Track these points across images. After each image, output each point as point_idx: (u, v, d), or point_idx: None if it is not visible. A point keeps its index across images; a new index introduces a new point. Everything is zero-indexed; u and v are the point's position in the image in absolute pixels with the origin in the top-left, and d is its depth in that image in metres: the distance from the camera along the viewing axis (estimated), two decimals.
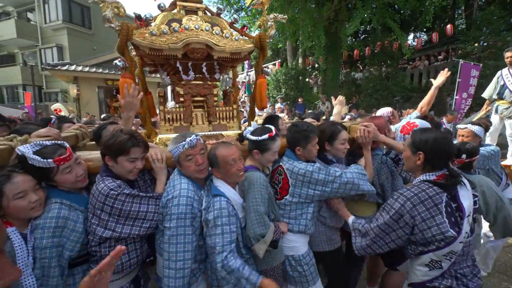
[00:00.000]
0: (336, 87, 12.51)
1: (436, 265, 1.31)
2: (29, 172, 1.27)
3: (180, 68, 2.03)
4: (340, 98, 2.95)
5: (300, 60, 14.00)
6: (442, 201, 1.27)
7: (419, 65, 13.28)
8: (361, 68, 14.96)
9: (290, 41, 12.78)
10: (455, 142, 2.74)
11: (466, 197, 1.31)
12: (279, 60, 15.01)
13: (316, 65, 15.12)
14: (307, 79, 14.05)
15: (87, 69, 12.70)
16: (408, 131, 2.01)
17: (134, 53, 2.25)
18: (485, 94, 4.47)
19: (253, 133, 1.70)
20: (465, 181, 1.37)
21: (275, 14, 2.15)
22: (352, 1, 9.95)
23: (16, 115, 10.54)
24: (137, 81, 2.18)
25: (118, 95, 14.41)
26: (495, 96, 4.30)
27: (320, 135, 1.87)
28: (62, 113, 10.36)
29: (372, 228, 1.45)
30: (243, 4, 12.56)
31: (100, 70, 13.05)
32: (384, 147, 2.22)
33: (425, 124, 2.14)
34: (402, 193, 1.36)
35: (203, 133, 2.09)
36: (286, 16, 2.26)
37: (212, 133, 2.15)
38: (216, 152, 1.50)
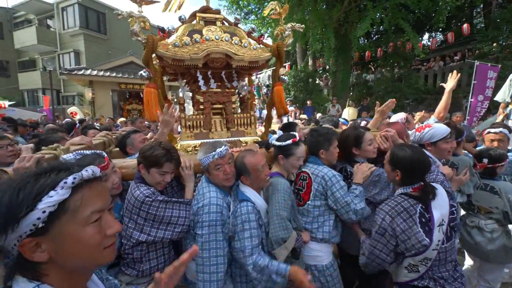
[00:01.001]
0: (346, 89, 12.33)
1: (413, 269, 1.44)
2: None
3: (201, 77, 2.10)
4: (384, 106, 2.58)
5: (310, 62, 13.90)
6: (416, 212, 1.39)
7: (434, 66, 12.87)
8: (372, 70, 14.68)
9: (300, 43, 12.71)
10: (482, 147, 2.67)
11: (438, 208, 1.40)
12: (289, 63, 14.97)
13: (327, 67, 14.98)
14: (317, 81, 13.94)
15: (101, 73, 13.12)
16: (420, 130, 2.04)
17: (154, 62, 2.34)
18: (498, 97, 4.27)
19: (278, 139, 1.78)
20: (441, 191, 1.46)
21: (293, 24, 2.18)
22: (363, 2, 9.79)
23: (35, 118, 11.04)
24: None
25: (130, 98, 14.73)
26: (508, 99, 4.11)
27: (345, 142, 1.91)
28: (78, 116, 10.74)
29: (367, 247, 1.54)
30: (253, 8, 12.63)
31: (114, 74, 13.45)
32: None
33: (440, 126, 2.11)
34: (381, 208, 1.48)
35: (221, 139, 2.17)
36: (303, 25, 2.30)
37: (230, 139, 2.21)
38: (244, 160, 1.57)
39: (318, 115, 9.27)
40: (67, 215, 0.61)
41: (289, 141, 1.71)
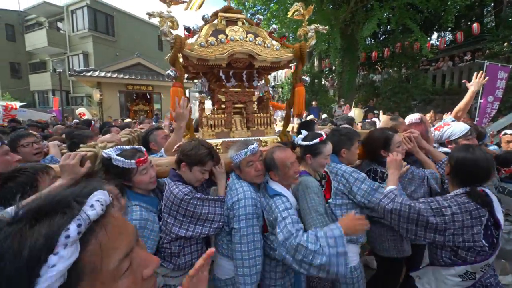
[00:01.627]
0: (352, 89, 12.23)
1: (470, 277, 1.38)
2: (112, 173, 1.42)
3: (223, 77, 2.15)
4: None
5: (315, 63, 13.83)
6: (485, 215, 1.35)
7: (442, 66, 12.64)
8: (379, 70, 14.51)
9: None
10: (493, 147, 2.60)
11: (499, 211, 1.38)
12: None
13: (333, 68, 14.88)
14: (322, 82, 13.84)
15: (109, 74, 13.33)
16: (439, 128, 2.11)
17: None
18: None
19: (304, 139, 1.80)
20: (493, 196, 1.42)
21: (316, 25, 2.17)
22: (370, 2, 9.69)
23: (45, 119, 11.27)
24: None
25: (137, 99, 14.90)
26: None
27: (373, 143, 1.94)
28: (86, 117, 10.93)
29: (408, 205, 1.45)
30: (258, 9, 12.63)
31: (121, 76, 13.65)
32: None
33: (459, 124, 2.10)
34: (456, 199, 1.41)
35: (242, 139, 2.21)
36: (327, 27, 2.30)
37: (250, 138, 2.24)
38: (274, 155, 1.60)
39: (324, 115, 9.22)
40: (86, 280, 0.43)
41: (317, 140, 1.73)
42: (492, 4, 12.56)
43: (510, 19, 9.90)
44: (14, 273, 0.37)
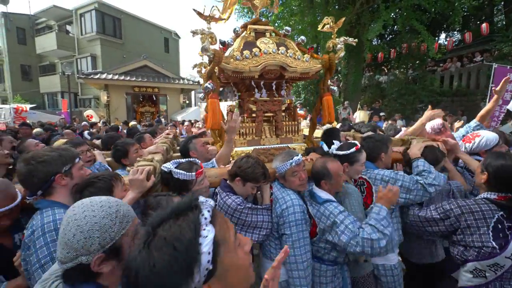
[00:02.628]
0: (358, 91, 12.13)
1: (480, 274, 1.46)
2: (172, 185, 1.54)
3: (255, 87, 2.27)
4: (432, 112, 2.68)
5: None
6: (493, 217, 1.44)
7: (450, 67, 12.44)
8: (386, 71, 14.35)
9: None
10: None
11: None
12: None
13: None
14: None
15: (116, 77, 13.54)
16: (470, 140, 2.12)
17: (198, 69, 2.65)
18: (510, 106, 4.04)
19: (339, 149, 1.92)
20: None
21: (345, 38, 2.25)
22: (375, 4, 9.61)
23: (54, 121, 11.52)
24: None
25: (144, 101, 15.05)
26: None
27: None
28: (94, 119, 11.14)
29: (418, 215, 1.73)
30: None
31: (128, 78, 13.85)
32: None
33: (488, 133, 2.09)
34: (457, 201, 1.59)
35: (272, 146, 2.34)
36: (356, 40, 2.37)
37: (280, 145, 2.36)
38: (327, 166, 1.70)
39: (364, 124, 9.13)
40: (221, 247, 0.60)
41: (353, 149, 1.84)
42: (502, 3, 12.30)
43: None
44: (189, 242, 0.56)
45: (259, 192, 1.92)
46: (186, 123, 6.73)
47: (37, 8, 21.01)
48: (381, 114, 9.78)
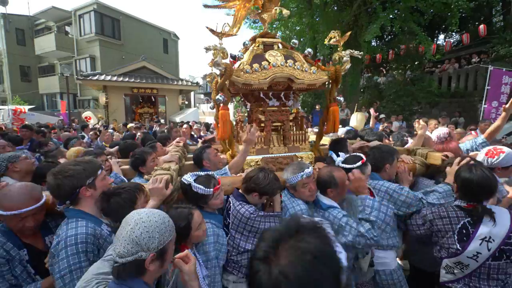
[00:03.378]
0: (356, 93, 12.13)
1: (450, 270, 1.67)
2: (190, 197, 1.61)
3: (264, 98, 2.36)
4: (422, 122, 2.80)
5: None
6: (459, 223, 1.61)
7: (448, 68, 12.45)
8: (384, 72, 14.36)
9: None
10: None
11: (490, 226, 1.55)
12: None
13: None
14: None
15: (115, 78, 13.54)
16: (493, 155, 2.19)
17: (208, 79, 2.70)
18: None
19: (345, 162, 1.95)
20: (504, 216, 1.58)
21: (351, 51, 2.33)
22: (373, 6, 9.63)
23: (52, 122, 11.52)
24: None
25: (142, 102, 15.06)
26: None
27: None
28: (92, 121, 11.12)
29: (410, 222, 1.87)
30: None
31: (127, 79, 13.84)
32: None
33: (509, 149, 2.16)
34: (432, 208, 1.78)
35: (279, 155, 2.40)
36: (362, 52, 2.47)
37: (287, 154, 2.42)
38: (334, 174, 1.77)
39: (371, 132, 9.12)
40: None
41: (359, 163, 1.87)
42: (501, 4, 12.30)
43: None
44: (333, 258, 0.61)
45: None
46: (185, 126, 6.72)
47: (36, 9, 21.02)
48: (381, 116, 9.78)
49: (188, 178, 1.62)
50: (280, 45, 2.43)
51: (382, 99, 12.16)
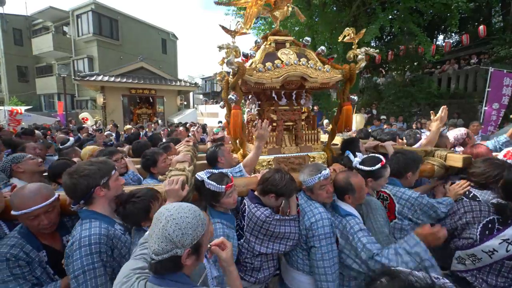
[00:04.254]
0: (355, 93, 12.04)
1: (461, 261, 1.66)
2: (203, 194, 1.63)
3: (275, 97, 2.33)
4: (442, 113, 2.62)
5: None
6: (486, 217, 1.60)
7: (448, 69, 12.40)
8: (383, 73, 14.30)
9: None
10: None
11: None
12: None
13: None
14: None
15: (112, 78, 13.44)
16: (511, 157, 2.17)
17: (218, 78, 2.74)
18: None
19: (363, 163, 1.91)
20: None
21: (367, 48, 2.27)
22: (372, 6, 9.57)
23: (49, 123, 11.42)
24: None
25: (140, 103, 14.99)
26: None
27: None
28: (89, 122, 11.04)
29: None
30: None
31: (125, 80, 13.75)
32: None
33: None
34: (463, 202, 1.78)
35: (291, 154, 2.38)
36: (378, 50, 2.44)
37: (299, 154, 2.40)
38: (350, 181, 1.74)
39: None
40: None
41: (379, 165, 1.84)
42: (500, 5, 12.26)
43: None
44: None
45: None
46: (181, 128, 6.62)
47: (33, 9, 20.87)
48: (382, 117, 9.72)
49: (202, 175, 1.64)
50: (292, 43, 2.40)
51: (381, 100, 12.09)
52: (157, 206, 1.49)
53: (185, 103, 18.46)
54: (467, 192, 1.97)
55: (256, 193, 1.81)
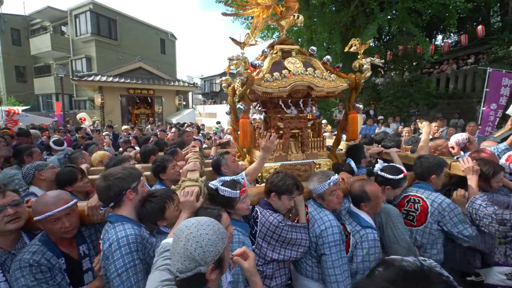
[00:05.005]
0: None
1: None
2: (218, 202, 1.65)
3: (282, 105, 2.38)
4: (426, 122, 2.79)
5: None
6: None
7: (446, 69, 12.40)
8: (382, 73, 14.29)
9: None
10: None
11: None
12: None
13: None
14: None
15: (110, 79, 13.39)
16: None
17: (224, 84, 2.80)
18: (510, 111, 4.00)
19: (384, 171, 1.97)
20: None
21: (372, 58, 2.33)
22: (370, 6, 9.56)
23: (47, 123, 11.36)
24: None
25: (139, 103, 14.95)
26: None
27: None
28: (87, 122, 10.99)
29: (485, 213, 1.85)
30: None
31: (123, 80, 13.70)
32: None
33: None
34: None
35: (298, 161, 2.42)
36: (383, 60, 2.46)
37: (305, 161, 2.44)
38: (366, 189, 1.78)
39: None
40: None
41: (401, 175, 1.92)
42: (498, 5, 12.27)
43: None
44: None
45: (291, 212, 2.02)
46: (173, 130, 6.59)
47: (31, 9, 20.78)
48: (380, 118, 9.69)
49: (215, 183, 1.68)
50: (298, 52, 2.43)
51: (380, 100, 12.08)
52: (172, 206, 1.56)
53: (184, 103, 18.42)
54: None
55: (265, 199, 1.87)
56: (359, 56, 2.33)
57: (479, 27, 9.65)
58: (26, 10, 24.98)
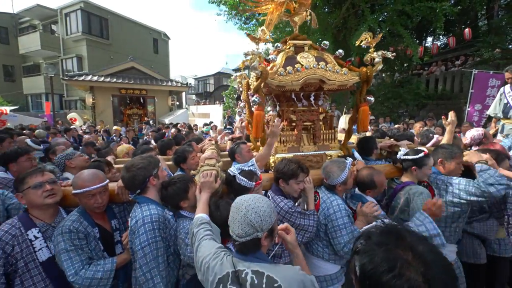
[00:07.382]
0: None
1: None
2: (233, 188, 1.80)
3: (295, 98, 2.48)
4: (452, 117, 2.70)
5: None
6: None
7: (435, 70, 12.68)
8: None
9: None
10: None
11: None
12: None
13: None
14: None
15: (102, 78, 13.22)
16: None
17: (238, 79, 2.92)
18: (490, 111, 4.16)
19: (407, 154, 2.14)
20: None
21: (384, 52, 2.38)
22: (361, 9, 9.69)
23: (36, 123, 11.14)
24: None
25: (131, 103, 14.76)
26: (500, 115, 3.98)
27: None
28: (77, 122, 10.83)
29: None
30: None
31: (115, 80, 13.54)
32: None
33: None
34: None
35: (310, 153, 2.51)
36: (395, 53, 2.50)
37: (317, 152, 2.54)
38: (374, 178, 1.96)
39: (399, 134, 9.11)
40: None
41: (422, 154, 2.06)
42: (485, 8, 12.61)
43: (505, 23, 9.89)
44: None
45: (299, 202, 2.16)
46: (173, 130, 6.60)
47: (20, 7, 20.29)
48: (370, 118, 9.82)
49: (233, 170, 1.83)
50: (310, 47, 2.51)
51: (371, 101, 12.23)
52: (193, 188, 1.73)
53: (178, 103, 18.31)
54: None
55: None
56: (370, 50, 2.40)
57: (466, 30, 9.90)
58: (15, 8, 24.48)
